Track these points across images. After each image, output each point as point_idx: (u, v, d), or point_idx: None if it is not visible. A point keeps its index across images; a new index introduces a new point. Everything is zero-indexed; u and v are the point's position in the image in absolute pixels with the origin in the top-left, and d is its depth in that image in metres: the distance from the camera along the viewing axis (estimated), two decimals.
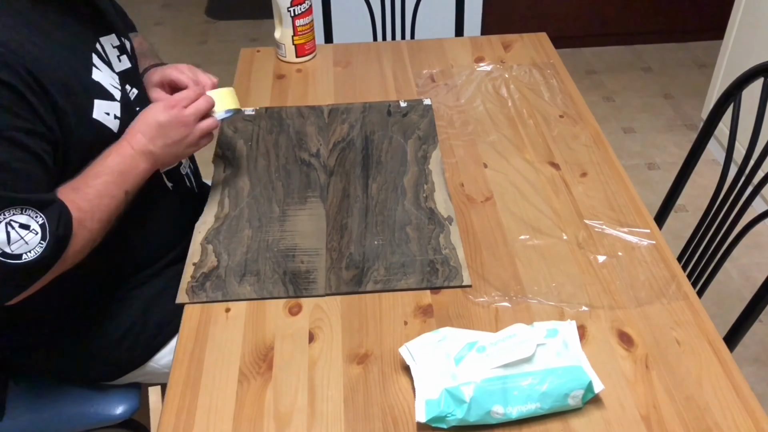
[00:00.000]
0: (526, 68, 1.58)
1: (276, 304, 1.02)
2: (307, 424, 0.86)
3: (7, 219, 0.86)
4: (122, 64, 1.12)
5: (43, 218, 0.89)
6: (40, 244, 0.89)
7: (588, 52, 3.37)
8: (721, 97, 1.27)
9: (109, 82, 1.05)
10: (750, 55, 2.32)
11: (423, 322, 0.99)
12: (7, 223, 0.86)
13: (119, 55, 1.12)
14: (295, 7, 1.53)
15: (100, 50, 1.07)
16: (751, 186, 1.21)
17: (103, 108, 1.02)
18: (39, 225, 0.88)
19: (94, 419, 1.21)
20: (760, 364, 1.92)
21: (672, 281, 1.05)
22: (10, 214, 0.86)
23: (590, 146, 1.33)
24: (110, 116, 1.03)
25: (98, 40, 1.07)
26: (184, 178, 1.23)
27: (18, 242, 0.87)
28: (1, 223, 0.86)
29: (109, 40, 1.10)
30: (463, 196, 1.22)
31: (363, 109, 1.44)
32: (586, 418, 0.87)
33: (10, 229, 0.86)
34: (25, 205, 0.87)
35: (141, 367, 1.20)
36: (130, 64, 1.14)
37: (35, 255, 0.89)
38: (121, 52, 1.12)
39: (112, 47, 1.10)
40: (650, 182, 2.56)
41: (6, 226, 0.86)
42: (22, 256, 0.88)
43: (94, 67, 1.03)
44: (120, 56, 1.12)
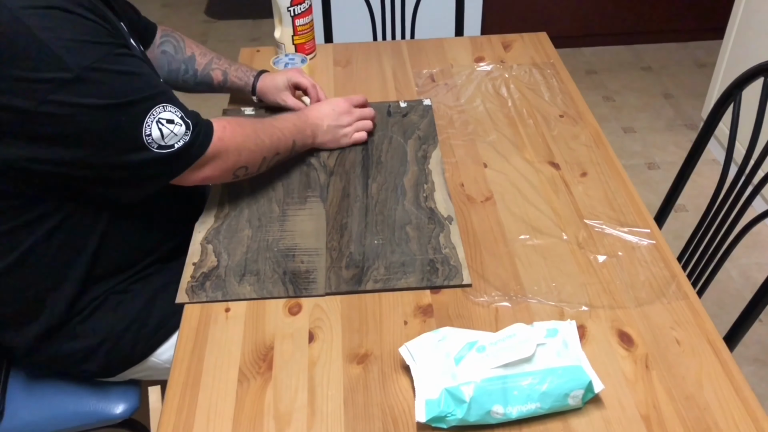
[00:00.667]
0: (526, 68, 1.58)
1: (276, 304, 1.02)
2: (307, 423, 0.86)
3: (157, 117, 0.99)
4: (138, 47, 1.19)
5: (180, 111, 1.02)
6: (186, 133, 1.02)
7: (588, 52, 3.37)
8: (721, 97, 1.27)
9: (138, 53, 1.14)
10: (750, 55, 2.32)
11: (423, 322, 0.99)
12: (157, 120, 0.99)
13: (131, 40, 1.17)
14: (294, 6, 1.53)
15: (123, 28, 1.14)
16: (751, 186, 1.21)
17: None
18: (179, 117, 1.01)
19: (94, 418, 1.21)
20: (760, 364, 1.92)
21: (672, 281, 1.05)
22: (157, 112, 0.99)
23: (590, 146, 1.33)
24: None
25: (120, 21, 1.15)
26: None
27: (169, 135, 1.00)
28: (153, 122, 0.98)
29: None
30: (463, 195, 1.22)
31: None
32: (586, 418, 0.87)
33: (161, 126, 0.99)
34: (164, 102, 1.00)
35: (142, 362, 1.20)
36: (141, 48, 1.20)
37: (183, 142, 1.02)
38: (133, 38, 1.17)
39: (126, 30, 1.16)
40: (650, 182, 2.56)
41: (157, 124, 0.99)
42: (174, 145, 1.01)
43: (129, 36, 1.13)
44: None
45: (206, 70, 1.39)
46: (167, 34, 1.40)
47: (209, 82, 1.41)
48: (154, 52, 1.38)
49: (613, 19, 3.27)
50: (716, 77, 2.55)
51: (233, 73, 1.40)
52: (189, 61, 1.39)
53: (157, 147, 0.99)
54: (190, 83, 1.41)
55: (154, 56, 1.38)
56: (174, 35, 1.40)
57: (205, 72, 1.39)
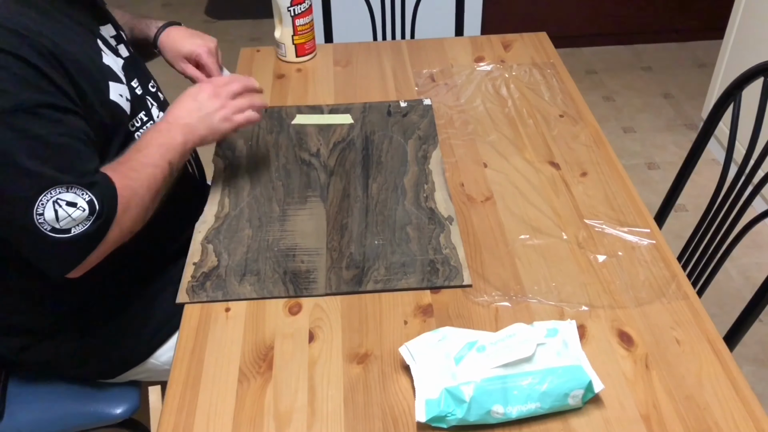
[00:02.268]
0: (526, 68, 1.58)
1: (276, 304, 1.02)
2: (307, 423, 0.86)
3: (54, 197, 0.89)
4: (122, 54, 1.14)
5: (90, 195, 0.92)
6: (87, 218, 0.92)
7: (588, 51, 3.37)
8: (721, 96, 1.27)
9: (116, 67, 1.08)
10: (750, 55, 2.32)
11: (423, 322, 0.99)
12: (55, 201, 0.89)
13: (117, 45, 1.14)
14: (295, 6, 1.53)
15: (104, 37, 1.10)
16: (751, 186, 1.21)
17: (117, 90, 1.05)
18: (86, 202, 0.91)
19: (94, 419, 1.21)
20: (759, 363, 1.92)
21: (672, 281, 1.05)
22: (57, 192, 0.89)
23: (590, 146, 1.33)
24: (123, 98, 1.06)
25: (99, 29, 1.10)
26: (186, 164, 1.24)
27: (66, 219, 0.90)
28: (48, 201, 0.88)
29: (107, 30, 1.13)
30: (463, 195, 1.22)
31: (363, 109, 1.44)
32: (586, 417, 0.87)
33: (57, 207, 0.89)
34: (70, 184, 0.90)
35: (141, 364, 1.20)
36: (128, 53, 1.17)
37: (83, 228, 0.91)
38: (118, 42, 1.15)
39: (110, 36, 1.12)
40: (650, 182, 2.56)
41: (54, 204, 0.89)
42: (71, 230, 0.91)
43: (103, 52, 1.06)
44: (118, 45, 1.14)
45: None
46: None
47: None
48: None
49: (613, 19, 3.27)
50: (716, 77, 2.55)
51: (137, 27, 1.32)
52: None
53: (50, 230, 0.90)
54: None
55: None
56: None
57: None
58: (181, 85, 1.21)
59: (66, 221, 0.90)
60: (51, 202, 0.88)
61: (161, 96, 1.23)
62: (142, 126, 1.13)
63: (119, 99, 1.05)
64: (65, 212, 0.89)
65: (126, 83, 1.09)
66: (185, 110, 1.09)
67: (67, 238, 0.91)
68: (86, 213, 0.91)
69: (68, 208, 0.90)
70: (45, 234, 0.89)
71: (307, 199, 1.20)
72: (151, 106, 1.17)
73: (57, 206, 0.89)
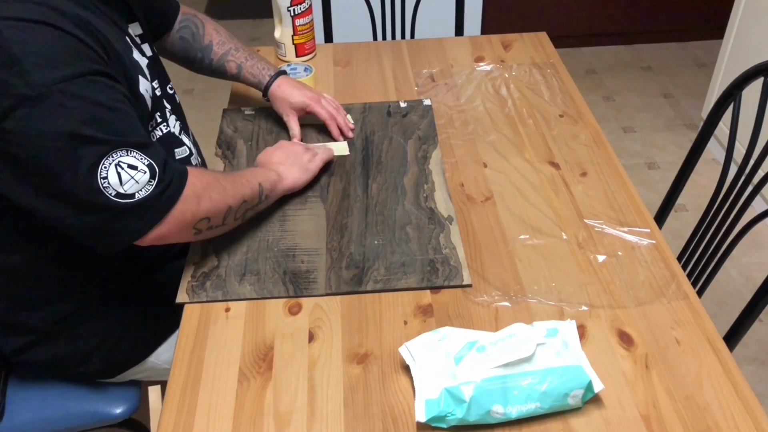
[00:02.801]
0: (526, 68, 1.58)
1: (276, 304, 1.02)
2: (306, 423, 0.86)
3: (116, 161, 0.89)
4: (146, 52, 1.16)
5: (148, 159, 0.92)
6: (149, 182, 0.92)
7: (588, 51, 3.37)
8: (721, 96, 1.27)
9: (144, 63, 1.09)
10: (750, 55, 2.32)
11: (423, 322, 0.99)
12: (117, 164, 0.89)
13: (141, 44, 1.14)
14: (294, 6, 1.53)
15: (131, 34, 1.11)
16: (751, 186, 1.21)
17: (144, 85, 1.06)
18: (146, 165, 0.92)
19: (94, 418, 1.21)
20: (759, 363, 1.93)
21: (672, 281, 1.05)
22: (118, 156, 0.89)
23: (590, 146, 1.33)
24: (148, 93, 1.07)
25: (127, 27, 1.11)
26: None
27: (129, 182, 0.90)
28: (111, 165, 0.88)
29: (134, 28, 1.14)
30: (463, 195, 1.22)
31: (363, 109, 1.44)
32: (586, 417, 0.87)
33: (120, 170, 0.89)
34: (129, 147, 0.90)
35: (141, 363, 1.20)
36: (151, 53, 1.18)
37: (147, 192, 0.92)
38: (142, 41, 1.16)
39: (136, 35, 1.13)
40: (650, 182, 2.56)
41: (116, 168, 0.89)
42: (135, 195, 0.91)
43: (132, 47, 1.08)
44: (142, 45, 1.15)
45: (221, 61, 1.36)
46: (188, 18, 1.36)
47: (224, 72, 1.37)
48: (173, 37, 1.34)
49: (613, 19, 3.27)
50: (716, 77, 2.55)
51: (247, 69, 1.36)
52: (206, 50, 1.35)
53: (115, 194, 0.90)
54: (206, 71, 1.38)
55: (173, 41, 1.35)
56: (194, 20, 1.36)
57: (219, 63, 1.36)
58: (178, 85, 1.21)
59: (130, 184, 0.90)
60: (113, 166, 0.89)
61: (177, 100, 1.24)
62: (157, 126, 1.13)
63: (145, 94, 1.06)
64: (128, 175, 0.90)
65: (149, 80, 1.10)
66: (277, 156, 1.20)
67: (132, 202, 0.91)
68: (147, 176, 0.91)
69: (130, 170, 0.90)
70: (110, 199, 0.89)
71: (307, 199, 1.20)
72: (166, 107, 1.17)
73: (119, 168, 0.89)
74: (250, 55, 1.37)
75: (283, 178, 1.16)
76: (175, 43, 1.35)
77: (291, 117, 1.34)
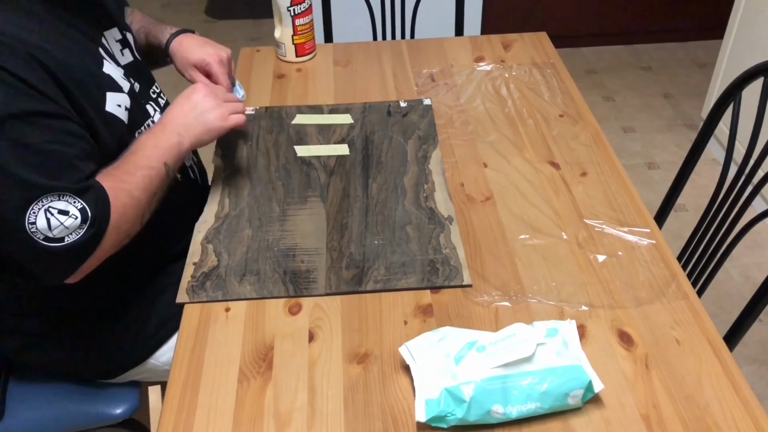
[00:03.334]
0: (526, 68, 1.58)
1: (276, 304, 1.02)
2: (307, 423, 0.86)
3: (46, 206, 0.88)
4: (125, 58, 1.13)
5: (81, 203, 0.90)
6: (80, 226, 0.90)
7: (588, 51, 3.37)
8: (721, 96, 1.27)
9: (118, 75, 1.07)
10: (750, 55, 2.32)
11: (423, 322, 0.99)
12: (47, 209, 0.88)
13: (122, 49, 1.13)
14: (294, 6, 1.53)
15: (105, 44, 1.08)
16: (751, 186, 1.21)
17: (115, 100, 1.03)
18: (78, 210, 0.90)
19: (94, 419, 1.21)
20: (759, 363, 1.92)
21: (672, 281, 1.05)
22: (48, 201, 0.88)
23: (590, 146, 1.33)
24: (121, 108, 1.05)
25: (103, 35, 1.09)
26: (188, 170, 1.23)
27: (59, 228, 0.89)
28: (40, 210, 0.87)
29: (112, 34, 1.12)
30: (463, 195, 1.22)
31: (363, 109, 1.44)
32: (586, 417, 0.87)
33: (49, 216, 0.88)
34: (61, 191, 0.89)
35: (141, 365, 1.20)
36: (132, 58, 1.15)
37: (77, 237, 0.90)
38: (123, 46, 1.14)
39: (114, 41, 1.11)
40: (650, 182, 2.56)
41: (45, 213, 0.87)
42: (64, 239, 0.90)
43: (104, 60, 1.05)
44: (123, 50, 1.13)
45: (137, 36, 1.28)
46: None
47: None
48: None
49: (613, 19, 3.26)
50: (716, 77, 2.55)
51: (152, 33, 1.29)
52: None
53: (44, 238, 0.88)
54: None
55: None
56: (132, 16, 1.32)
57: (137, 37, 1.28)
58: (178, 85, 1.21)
59: (59, 230, 0.89)
60: (43, 211, 0.87)
61: (163, 101, 1.23)
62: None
63: (116, 109, 1.03)
64: (57, 221, 0.88)
65: (127, 91, 1.07)
66: (180, 111, 1.08)
67: (60, 246, 0.90)
68: (78, 221, 0.90)
69: (60, 216, 0.88)
70: (38, 243, 0.88)
71: (307, 199, 1.20)
72: (153, 112, 1.16)
73: (49, 215, 0.88)
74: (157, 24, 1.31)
75: (183, 141, 1.06)
76: None
77: (194, 74, 1.26)
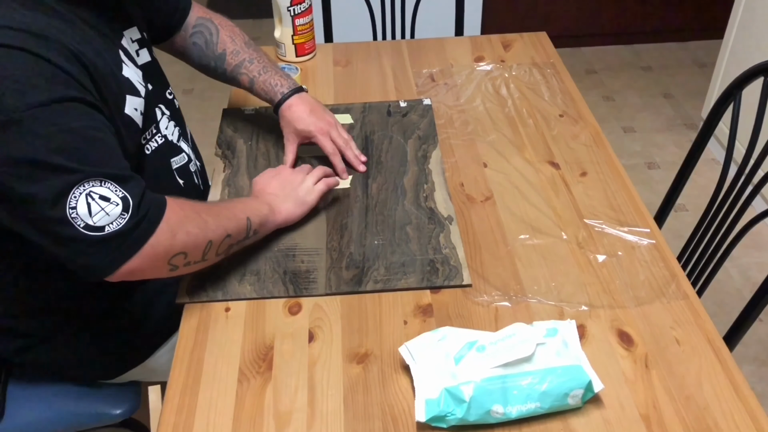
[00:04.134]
0: (526, 68, 1.58)
1: (276, 304, 1.02)
2: (306, 423, 0.86)
3: (87, 190, 0.85)
4: (141, 58, 1.13)
5: (123, 192, 0.88)
6: (121, 215, 0.87)
7: (588, 51, 3.37)
8: (721, 96, 1.27)
9: (136, 78, 1.06)
10: (750, 55, 2.32)
11: (423, 322, 0.99)
12: (88, 194, 0.85)
13: (138, 49, 1.12)
14: (294, 6, 1.53)
15: (125, 45, 1.08)
16: (751, 185, 1.21)
17: (133, 104, 1.03)
18: (120, 198, 0.88)
19: (94, 418, 1.21)
20: (759, 363, 1.92)
21: (672, 281, 1.05)
22: (89, 186, 0.86)
23: (590, 146, 1.33)
24: (137, 112, 1.05)
25: (122, 35, 1.08)
26: (193, 175, 1.24)
27: (99, 213, 0.86)
28: (81, 194, 0.85)
29: (131, 33, 1.11)
30: (463, 195, 1.22)
31: (363, 109, 1.44)
32: (586, 417, 0.87)
33: (90, 201, 0.85)
34: (103, 177, 0.87)
35: (141, 365, 1.20)
36: (149, 58, 1.15)
37: (117, 227, 0.87)
38: (140, 46, 1.13)
39: (131, 41, 1.11)
40: (650, 182, 2.56)
41: (86, 198, 0.85)
42: (105, 228, 0.87)
43: (123, 63, 1.05)
44: (139, 50, 1.12)
45: (234, 73, 1.30)
46: (202, 23, 1.30)
47: (237, 84, 1.32)
48: (187, 42, 1.30)
49: (613, 19, 3.27)
50: (716, 77, 2.55)
51: (259, 85, 1.28)
52: (219, 59, 1.29)
53: (84, 226, 0.86)
54: (221, 79, 1.34)
55: (186, 46, 1.30)
56: (209, 25, 1.30)
57: (232, 75, 1.30)
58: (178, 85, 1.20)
59: (99, 216, 0.86)
60: (84, 195, 0.85)
61: (176, 104, 1.22)
62: (152, 138, 1.11)
63: (133, 113, 1.03)
64: (98, 206, 0.86)
65: (144, 95, 1.07)
66: (271, 186, 1.13)
67: (101, 235, 0.87)
68: (120, 208, 0.87)
69: (102, 202, 0.86)
70: (78, 231, 0.86)
71: None
72: (162, 115, 1.15)
73: (90, 199, 0.85)
74: (265, 68, 1.29)
75: (275, 212, 1.10)
76: (188, 48, 1.31)
77: (290, 143, 1.27)
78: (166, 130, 1.15)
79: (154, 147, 1.11)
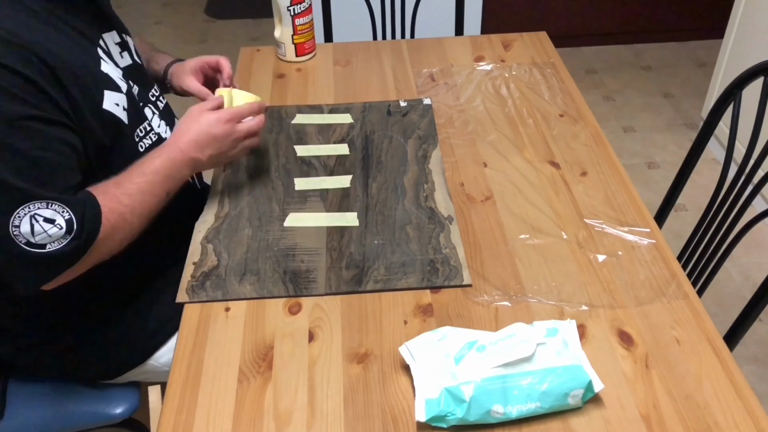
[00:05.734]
0: (526, 67, 1.58)
1: (276, 304, 1.02)
2: (306, 423, 0.86)
3: (32, 212, 0.87)
4: (124, 60, 1.13)
5: (69, 213, 0.90)
6: (64, 236, 0.90)
7: (588, 51, 3.37)
8: (721, 96, 1.27)
9: (116, 75, 1.06)
10: (750, 55, 2.32)
11: (423, 322, 0.99)
12: (32, 216, 0.87)
13: (121, 52, 1.13)
14: (294, 6, 1.53)
15: (103, 45, 1.08)
16: (751, 185, 1.21)
17: (113, 99, 1.03)
18: (65, 220, 0.90)
19: (94, 418, 1.21)
20: (759, 363, 1.92)
21: (672, 280, 1.05)
22: (35, 207, 0.88)
23: (590, 145, 1.33)
24: (119, 107, 1.05)
25: (101, 36, 1.09)
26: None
27: (41, 235, 0.89)
28: (26, 215, 0.87)
29: (111, 36, 1.12)
30: (463, 195, 1.22)
31: (363, 108, 1.44)
32: (586, 417, 0.87)
33: (34, 222, 0.87)
34: (50, 200, 0.88)
35: (141, 366, 1.20)
36: (131, 61, 1.15)
37: (59, 246, 0.90)
38: (122, 49, 1.14)
39: (113, 43, 1.12)
40: (650, 181, 2.56)
41: (30, 219, 0.87)
42: (46, 246, 0.89)
43: (102, 60, 1.05)
44: (122, 53, 1.13)
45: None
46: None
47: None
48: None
49: (613, 18, 3.27)
50: (716, 77, 2.55)
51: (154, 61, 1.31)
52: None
53: (25, 243, 0.88)
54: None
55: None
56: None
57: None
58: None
59: (41, 237, 0.88)
60: (28, 216, 0.87)
61: (162, 104, 1.22)
62: (145, 135, 1.12)
63: (114, 108, 1.03)
64: (41, 228, 0.88)
65: (125, 92, 1.07)
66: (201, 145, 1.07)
67: (41, 253, 0.89)
68: (63, 231, 0.89)
69: (45, 224, 0.88)
70: (19, 246, 0.88)
71: (307, 199, 1.20)
72: (152, 114, 1.16)
73: (34, 221, 0.87)
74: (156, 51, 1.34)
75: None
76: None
77: (190, 82, 1.26)
78: (158, 128, 1.16)
79: (147, 144, 1.12)
